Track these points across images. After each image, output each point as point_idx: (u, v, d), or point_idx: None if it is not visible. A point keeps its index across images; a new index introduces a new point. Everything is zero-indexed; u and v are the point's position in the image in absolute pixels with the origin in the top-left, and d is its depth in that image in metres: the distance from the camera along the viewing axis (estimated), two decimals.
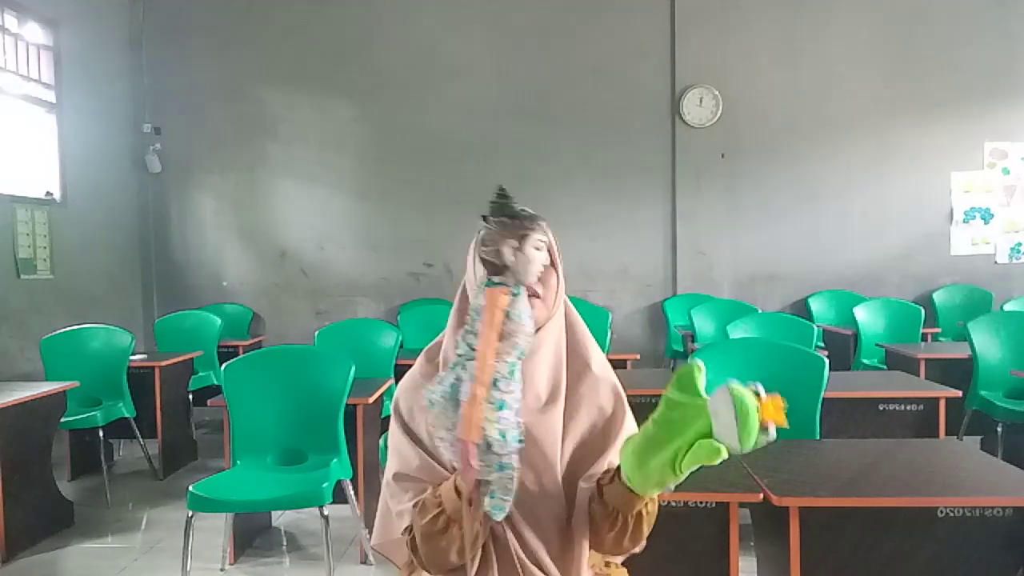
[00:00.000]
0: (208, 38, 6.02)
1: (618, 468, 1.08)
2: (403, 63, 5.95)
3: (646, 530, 1.15)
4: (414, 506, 1.14)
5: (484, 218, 1.02)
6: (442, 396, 1.01)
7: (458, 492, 1.06)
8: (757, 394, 0.93)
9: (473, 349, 0.99)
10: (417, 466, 1.15)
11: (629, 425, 1.23)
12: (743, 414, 0.90)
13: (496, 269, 0.99)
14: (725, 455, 0.93)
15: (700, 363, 0.98)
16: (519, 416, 1.02)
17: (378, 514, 1.24)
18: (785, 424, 0.92)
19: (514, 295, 0.99)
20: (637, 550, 1.21)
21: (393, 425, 1.22)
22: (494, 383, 0.99)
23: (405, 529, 1.16)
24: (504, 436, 0.99)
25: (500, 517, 1.04)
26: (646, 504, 1.11)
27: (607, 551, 1.20)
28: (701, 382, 0.97)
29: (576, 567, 1.18)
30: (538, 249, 1.00)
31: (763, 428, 0.91)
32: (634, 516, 1.11)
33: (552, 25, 5.91)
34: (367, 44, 5.96)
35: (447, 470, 1.12)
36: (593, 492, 1.13)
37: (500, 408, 0.99)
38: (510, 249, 0.97)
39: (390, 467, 1.20)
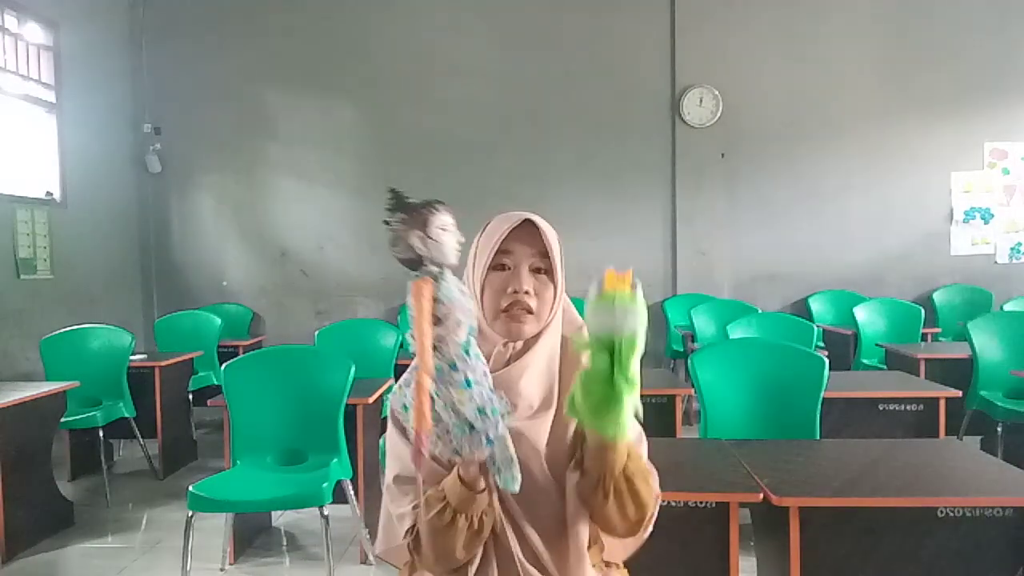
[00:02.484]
0: (208, 38, 6.02)
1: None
2: (403, 63, 5.95)
3: (644, 491, 1.10)
4: (415, 508, 1.14)
5: (385, 222, 1.01)
6: (413, 399, 1.01)
7: (463, 482, 1.05)
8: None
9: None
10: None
11: None
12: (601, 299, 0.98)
13: (414, 263, 0.99)
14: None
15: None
16: (493, 388, 1.01)
17: (381, 521, 1.23)
18: (625, 286, 0.98)
19: (436, 279, 0.99)
20: (649, 527, 1.18)
21: (390, 428, 1.21)
22: (451, 365, 0.97)
23: (407, 531, 1.15)
24: (482, 411, 0.98)
25: (516, 488, 1.02)
26: (627, 462, 1.08)
27: (621, 533, 1.16)
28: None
29: (576, 566, 1.17)
30: (444, 230, 1.00)
31: (619, 299, 0.97)
32: (621, 476, 1.08)
33: (552, 25, 5.91)
34: (367, 44, 5.97)
35: (446, 469, 1.12)
36: (578, 475, 1.13)
37: (468, 386, 0.98)
38: (418, 239, 0.98)
39: (389, 471, 1.19)
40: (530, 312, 1.15)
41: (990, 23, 5.76)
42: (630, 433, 1.03)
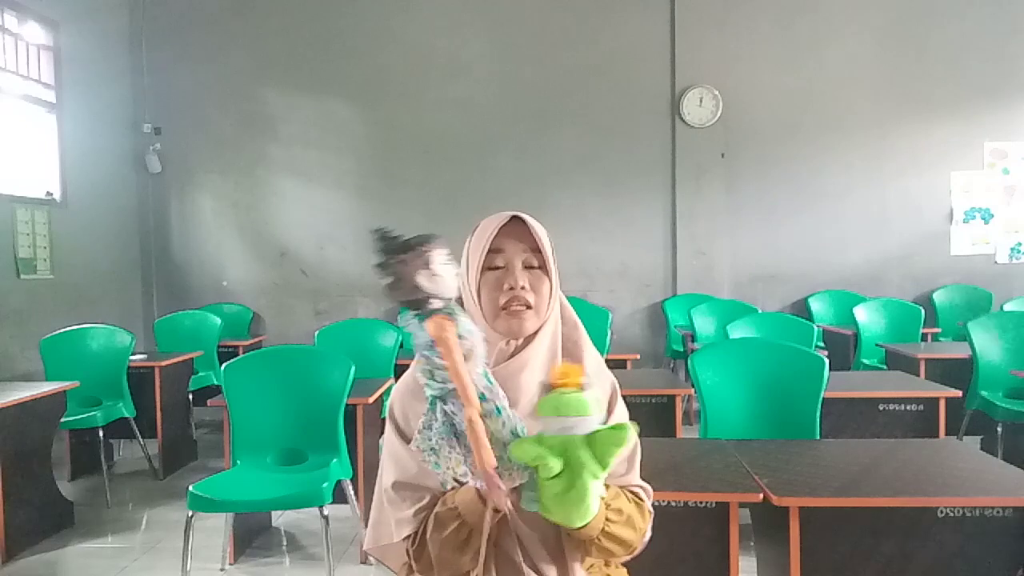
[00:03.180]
0: (208, 38, 6.02)
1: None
2: (403, 63, 5.95)
3: (629, 536, 1.14)
4: (415, 514, 1.14)
5: (379, 266, 0.97)
6: (440, 438, 1.01)
7: (484, 503, 1.05)
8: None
9: (444, 383, 0.99)
10: (415, 472, 1.14)
11: (619, 413, 1.23)
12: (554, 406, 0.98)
13: (419, 303, 0.98)
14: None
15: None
16: (512, 411, 1.03)
17: (371, 519, 1.24)
18: (579, 384, 0.98)
19: (452, 315, 0.98)
20: (645, 538, 1.21)
21: (388, 431, 1.21)
22: (482, 397, 0.99)
23: (406, 537, 1.15)
24: (515, 433, 1.01)
25: (537, 507, 1.03)
26: (604, 523, 1.09)
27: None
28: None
29: (574, 567, 1.18)
30: (444, 264, 0.99)
31: (563, 403, 0.98)
32: (602, 535, 1.10)
33: (552, 25, 5.91)
34: (367, 44, 5.97)
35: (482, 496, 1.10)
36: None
37: (499, 414, 1.00)
38: (424, 277, 0.96)
39: (387, 474, 1.18)
40: (529, 307, 1.15)
41: (990, 24, 5.76)
42: (602, 490, 1.04)
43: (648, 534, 1.22)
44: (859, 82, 5.84)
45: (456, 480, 1.03)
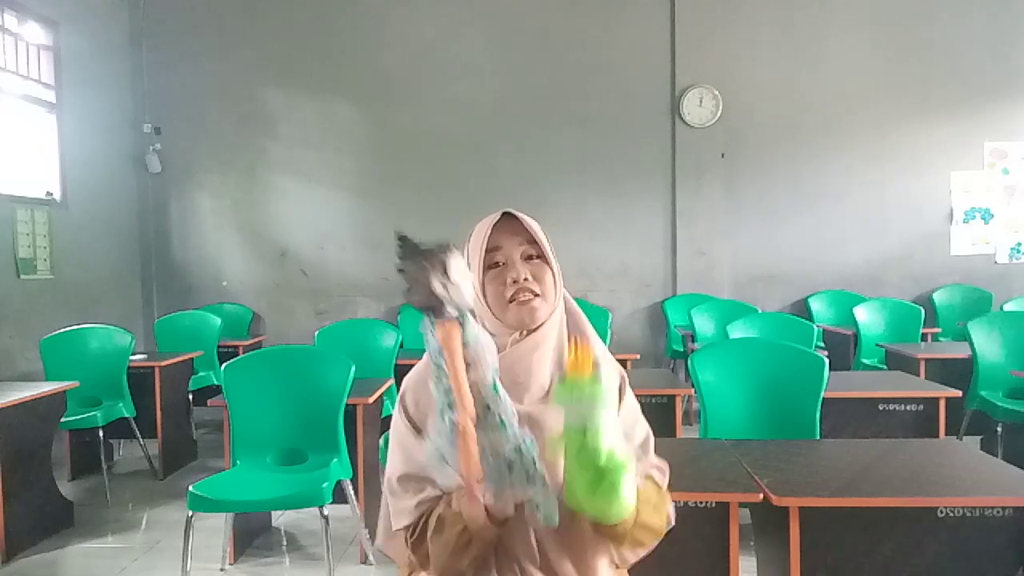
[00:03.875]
0: (208, 38, 6.02)
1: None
2: (403, 63, 5.95)
3: (657, 522, 1.14)
4: (417, 505, 1.14)
5: (400, 270, 0.99)
6: (451, 445, 1.00)
7: (489, 515, 1.04)
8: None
9: (449, 391, 0.99)
10: (421, 463, 1.14)
11: (629, 401, 1.25)
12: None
13: (434, 308, 0.99)
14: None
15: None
16: (519, 424, 1.02)
17: (381, 513, 1.24)
18: (587, 368, 0.99)
19: (461, 322, 0.99)
20: (671, 521, 1.21)
21: (397, 420, 1.21)
22: (485, 407, 0.99)
23: (405, 527, 1.16)
24: (519, 450, 0.99)
25: (556, 522, 1.02)
26: (636, 515, 1.08)
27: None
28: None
29: (579, 565, 1.17)
30: (461, 271, 1.00)
31: (577, 389, 0.98)
32: (634, 526, 1.09)
33: (552, 25, 5.91)
34: (367, 44, 5.97)
35: (492, 513, 1.10)
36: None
37: (503, 427, 1.00)
38: (439, 284, 0.97)
39: (394, 465, 1.19)
40: (536, 295, 1.16)
41: (990, 24, 5.76)
42: (632, 498, 1.03)
43: (672, 516, 1.21)
44: (859, 82, 5.84)
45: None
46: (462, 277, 0.99)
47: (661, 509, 1.17)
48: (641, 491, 1.12)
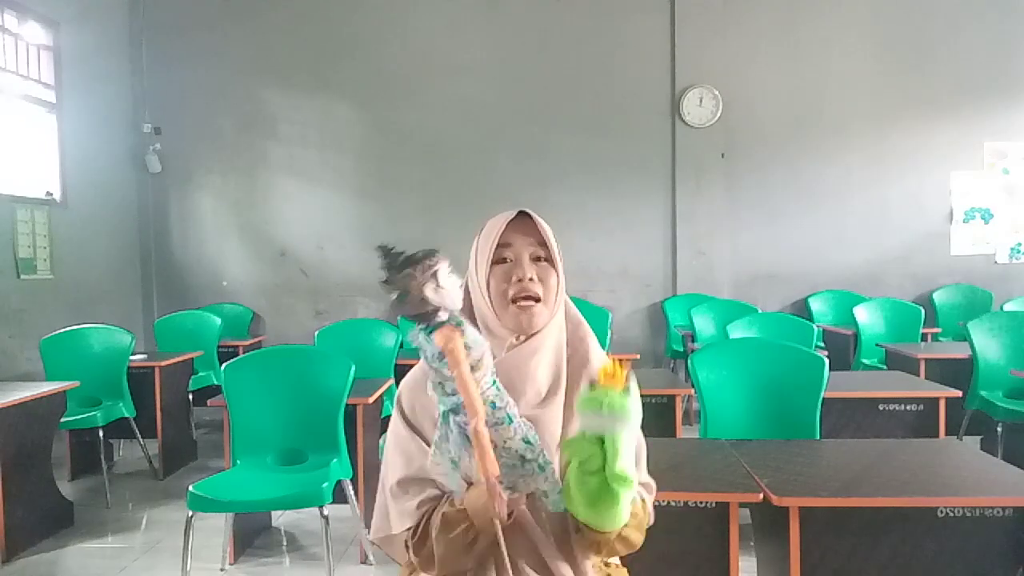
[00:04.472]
0: (208, 38, 6.02)
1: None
2: (403, 63, 5.95)
3: (635, 538, 1.16)
4: (418, 506, 1.14)
5: (386, 282, 0.98)
6: (459, 448, 1.01)
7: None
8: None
9: (453, 395, 0.99)
10: (420, 465, 1.15)
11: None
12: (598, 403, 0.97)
13: (426, 316, 0.99)
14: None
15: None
16: (522, 419, 1.04)
17: (377, 507, 1.24)
18: (623, 382, 0.97)
19: (459, 326, 0.99)
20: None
21: (396, 422, 1.21)
22: (492, 405, 1.00)
23: (408, 529, 1.16)
24: (527, 440, 1.02)
25: (563, 508, 1.05)
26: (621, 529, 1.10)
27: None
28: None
29: (574, 564, 1.17)
30: (449, 276, 1.00)
31: (607, 402, 0.97)
32: (616, 538, 1.11)
33: (552, 25, 5.91)
34: (367, 44, 5.97)
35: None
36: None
37: (510, 422, 1.02)
38: (431, 290, 0.97)
39: (393, 466, 1.19)
40: (538, 301, 1.17)
41: (989, 23, 5.76)
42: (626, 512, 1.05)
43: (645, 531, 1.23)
44: (859, 82, 5.84)
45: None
46: (450, 281, 0.99)
47: (642, 527, 1.19)
48: (633, 507, 1.14)
